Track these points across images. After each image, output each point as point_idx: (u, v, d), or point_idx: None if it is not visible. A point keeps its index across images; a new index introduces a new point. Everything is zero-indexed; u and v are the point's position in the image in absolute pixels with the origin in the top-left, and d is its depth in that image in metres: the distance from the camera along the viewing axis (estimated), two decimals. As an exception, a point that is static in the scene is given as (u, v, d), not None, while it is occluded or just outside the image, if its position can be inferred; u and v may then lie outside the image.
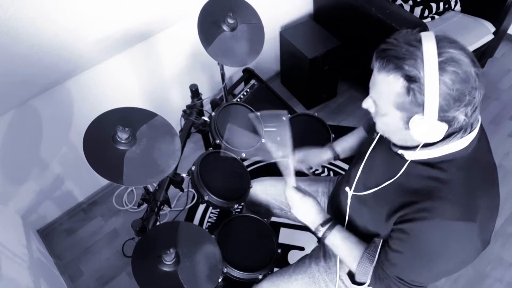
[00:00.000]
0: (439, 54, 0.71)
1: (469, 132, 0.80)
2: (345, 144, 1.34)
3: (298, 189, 1.10)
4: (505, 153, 2.27)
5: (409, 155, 0.86)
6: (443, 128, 0.75)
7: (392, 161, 0.90)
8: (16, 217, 1.90)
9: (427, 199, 0.81)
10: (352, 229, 1.07)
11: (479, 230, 0.79)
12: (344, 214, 1.08)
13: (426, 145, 0.82)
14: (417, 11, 2.33)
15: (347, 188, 1.04)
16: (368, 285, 1.01)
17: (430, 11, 2.36)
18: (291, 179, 1.11)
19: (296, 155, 1.32)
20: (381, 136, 0.97)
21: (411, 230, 0.83)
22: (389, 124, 0.83)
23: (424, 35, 0.74)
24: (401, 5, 2.33)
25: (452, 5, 2.43)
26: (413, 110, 0.75)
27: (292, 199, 1.09)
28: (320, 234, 1.05)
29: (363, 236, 1.04)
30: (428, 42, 0.72)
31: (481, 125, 0.85)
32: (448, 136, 0.80)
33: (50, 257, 1.96)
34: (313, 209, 1.07)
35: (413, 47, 0.72)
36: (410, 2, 2.31)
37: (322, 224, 1.05)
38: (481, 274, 1.84)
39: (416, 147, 0.83)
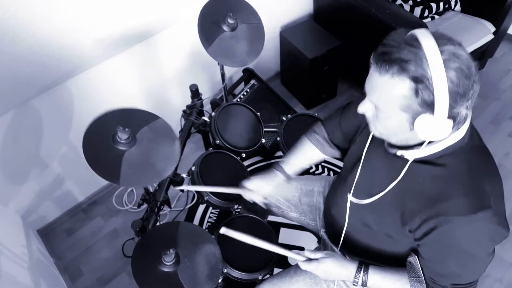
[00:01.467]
0: (441, 52, 0.70)
1: (464, 122, 0.80)
2: (296, 167, 1.26)
3: (308, 259, 1.05)
4: (505, 153, 2.26)
5: (410, 155, 0.84)
6: (450, 124, 0.75)
7: (393, 164, 0.89)
8: (16, 217, 1.90)
9: (439, 201, 0.81)
10: (354, 246, 1.06)
11: (496, 213, 0.79)
12: (342, 225, 1.06)
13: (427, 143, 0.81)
14: (417, 11, 2.33)
15: (349, 195, 1.01)
16: None
17: (430, 11, 2.36)
18: (295, 256, 1.07)
19: (245, 185, 1.23)
20: (372, 138, 0.95)
21: (440, 238, 0.83)
22: (391, 126, 0.82)
23: (420, 33, 0.73)
24: (401, 5, 2.33)
25: (452, 5, 2.43)
26: (421, 110, 0.75)
27: (312, 271, 1.05)
28: (359, 283, 1.02)
29: (364, 252, 1.04)
30: (428, 40, 0.71)
31: None
32: None
33: (50, 257, 1.96)
34: (336, 268, 1.03)
35: (414, 47, 0.71)
36: (410, 2, 2.31)
37: (356, 274, 1.01)
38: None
39: (417, 145, 0.82)
